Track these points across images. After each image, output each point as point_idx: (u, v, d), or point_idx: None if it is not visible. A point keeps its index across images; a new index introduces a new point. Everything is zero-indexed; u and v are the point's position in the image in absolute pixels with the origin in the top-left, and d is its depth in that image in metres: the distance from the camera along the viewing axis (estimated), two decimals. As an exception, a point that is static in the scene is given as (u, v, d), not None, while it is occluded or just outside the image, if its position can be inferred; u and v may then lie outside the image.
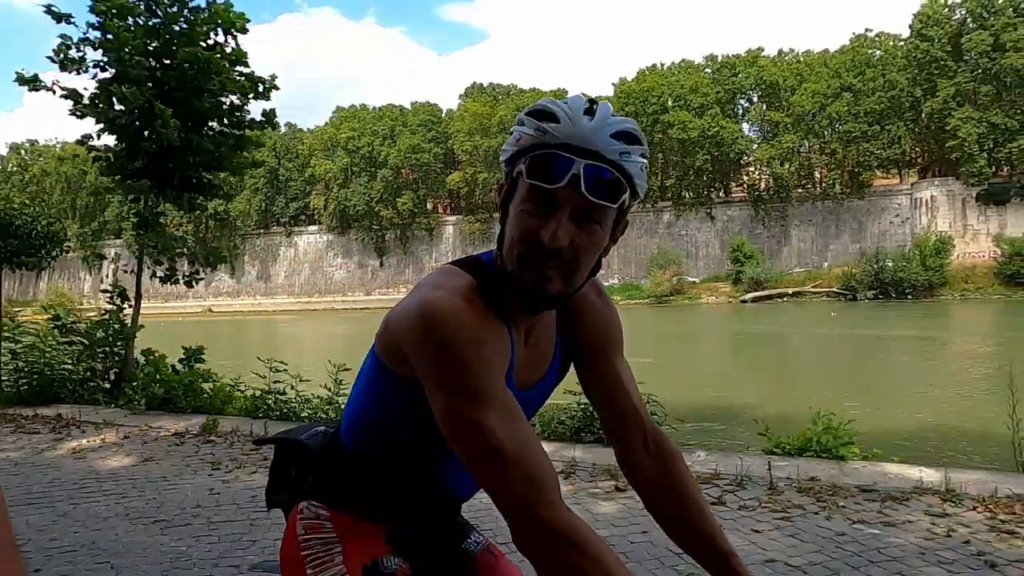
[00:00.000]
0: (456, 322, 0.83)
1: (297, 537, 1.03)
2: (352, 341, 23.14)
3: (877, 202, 48.45)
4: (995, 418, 7.98)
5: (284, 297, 64.65)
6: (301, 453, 1.09)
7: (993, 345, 17.99)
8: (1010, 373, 4.67)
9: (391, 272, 62.68)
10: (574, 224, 0.84)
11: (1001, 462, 4.98)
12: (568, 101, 0.85)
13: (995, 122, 42.12)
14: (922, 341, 19.84)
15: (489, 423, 0.82)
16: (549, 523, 0.80)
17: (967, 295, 38.33)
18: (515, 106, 57.27)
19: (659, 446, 1.08)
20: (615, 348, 1.08)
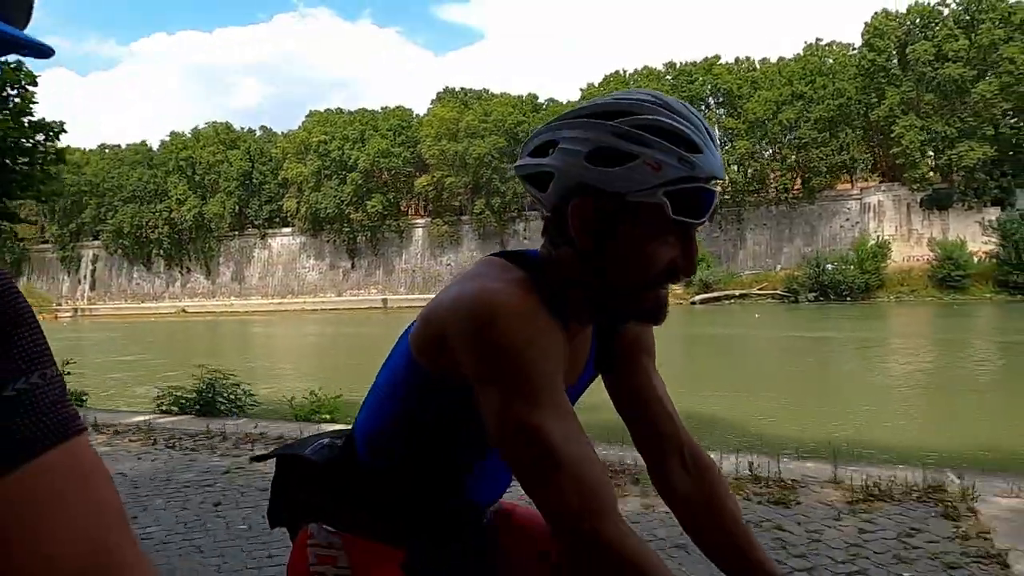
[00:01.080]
0: (520, 319, 0.79)
1: (309, 568, 0.97)
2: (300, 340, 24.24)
3: (828, 206, 49.82)
4: (813, 416, 9.20)
5: (258, 298, 65.75)
6: (305, 469, 1.03)
7: (872, 345, 19.28)
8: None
9: (362, 273, 63.86)
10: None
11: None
12: (693, 123, 0.82)
13: (936, 130, 43.49)
14: (814, 341, 21.14)
15: (546, 426, 0.77)
16: (604, 539, 0.75)
17: (902, 297, 39.68)
18: (482, 111, 58.59)
19: (696, 461, 1.03)
20: (649, 357, 1.06)
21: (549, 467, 0.76)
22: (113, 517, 0.42)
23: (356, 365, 16.83)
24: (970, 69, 42.38)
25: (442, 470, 0.96)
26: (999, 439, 7.39)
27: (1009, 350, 17.09)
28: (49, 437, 0.40)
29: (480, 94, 66.98)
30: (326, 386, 7.68)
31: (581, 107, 0.84)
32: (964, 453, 6.38)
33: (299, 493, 1.03)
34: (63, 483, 0.40)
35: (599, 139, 0.80)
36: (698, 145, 0.80)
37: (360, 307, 58.02)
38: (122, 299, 69.78)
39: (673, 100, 0.83)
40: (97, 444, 5.38)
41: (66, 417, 0.42)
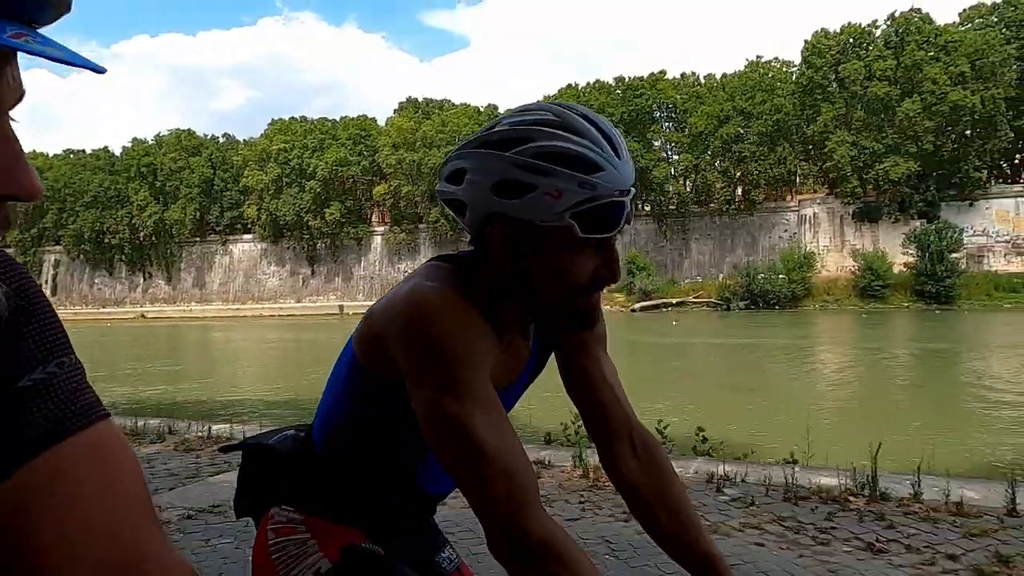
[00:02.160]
0: (448, 313, 0.81)
1: (268, 543, 1.00)
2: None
3: (768, 218, 51.56)
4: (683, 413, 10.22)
5: (219, 304, 66.29)
6: (270, 458, 1.06)
7: (772, 350, 20.64)
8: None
9: (321, 280, 64.67)
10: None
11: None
12: (593, 138, 0.82)
13: (865, 145, 45.38)
14: (709, 345, 22.51)
15: (473, 420, 0.79)
16: (528, 531, 0.77)
17: (826, 306, 41.37)
18: (440, 122, 59.82)
19: (646, 448, 1.04)
20: (598, 342, 1.06)
21: (476, 459, 0.78)
22: (138, 505, 0.42)
23: (301, 372, 17.93)
24: (896, 88, 44.34)
25: (388, 464, 0.99)
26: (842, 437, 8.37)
27: (863, 356, 18.56)
28: (70, 424, 0.40)
29: (442, 104, 68.35)
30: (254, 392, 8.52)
31: (484, 133, 0.86)
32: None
33: (264, 481, 1.06)
34: (86, 470, 0.40)
35: (500, 170, 0.82)
36: (599, 164, 0.81)
37: (318, 313, 58.85)
38: (84, 304, 69.97)
39: (573, 116, 0.84)
40: None
41: (87, 404, 0.42)
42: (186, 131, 68.50)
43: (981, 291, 39.63)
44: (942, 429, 8.85)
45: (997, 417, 10.09)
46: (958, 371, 15.67)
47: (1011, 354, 17.94)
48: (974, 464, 6.70)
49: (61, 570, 0.38)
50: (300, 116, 68.41)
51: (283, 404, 11.91)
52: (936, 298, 38.49)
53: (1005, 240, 44.44)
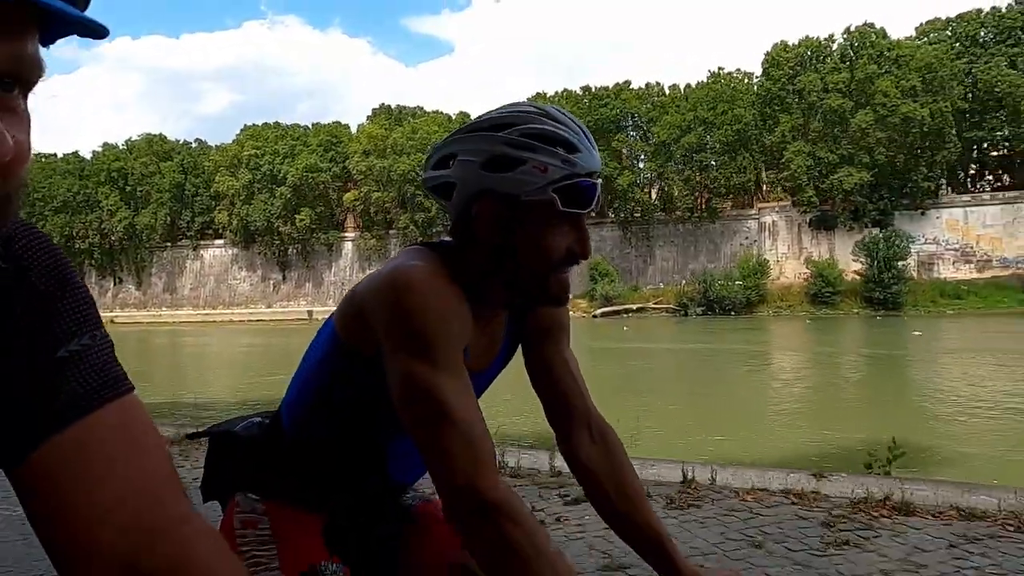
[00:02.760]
0: (427, 290, 0.88)
1: (234, 531, 1.02)
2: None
3: (730, 225, 52.70)
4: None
5: (189, 309, 66.29)
6: (235, 444, 1.10)
7: (699, 355, 21.49)
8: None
9: (292, 286, 64.91)
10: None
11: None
12: (570, 127, 0.93)
13: (821, 156, 46.63)
14: (650, 351, 23.29)
15: (442, 386, 0.85)
16: (483, 491, 0.82)
17: (780, 312, 42.49)
18: (410, 129, 60.42)
19: (603, 435, 1.11)
20: (562, 335, 1.14)
21: (442, 425, 0.84)
22: (164, 470, 0.44)
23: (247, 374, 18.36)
24: (850, 100, 45.65)
25: (360, 445, 1.03)
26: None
27: (773, 359, 19.43)
28: (100, 395, 0.43)
29: (414, 111, 69.01)
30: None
31: (474, 122, 0.96)
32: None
33: (229, 466, 1.10)
34: (115, 438, 0.43)
35: (492, 149, 0.91)
36: (576, 146, 0.92)
37: (286, 319, 59.11)
38: (52, 309, 69.62)
39: (553, 109, 0.95)
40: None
41: (116, 376, 0.45)
42: (157, 136, 68.55)
43: (927, 298, 40.94)
44: (780, 426, 9.65)
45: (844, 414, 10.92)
46: (843, 373, 16.57)
47: (913, 359, 18.90)
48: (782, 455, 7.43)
49: (94, 531, 0.40)
50: (274, 122, 68.77)
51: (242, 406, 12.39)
52: (884, 304, 39.71)
53: (955, 248, 45.87)
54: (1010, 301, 40.64)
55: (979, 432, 9.83)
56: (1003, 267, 43.90)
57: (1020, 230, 44.88)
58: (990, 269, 44.29)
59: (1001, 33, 49.41)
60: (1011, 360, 18.19)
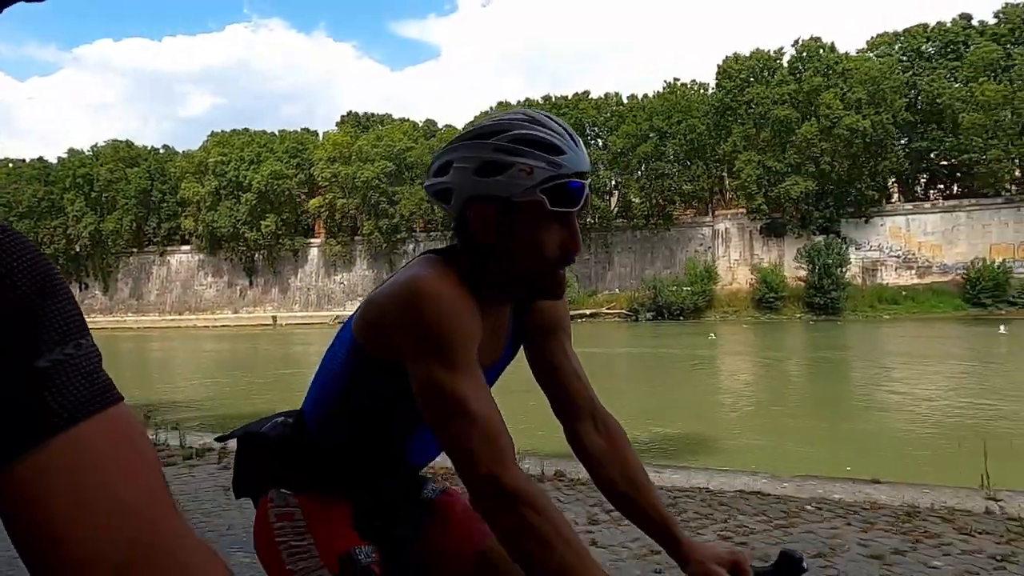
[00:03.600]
0: (443, 298, 0.95)
1: (271, 526, 1.11)
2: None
3: (685, 232, 53.95)
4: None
5: (155, 315, 66.46)
6: (263, 444, 1.18)
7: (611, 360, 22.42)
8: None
9: (258, 291, 65.31)
10: None
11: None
12: (556, 130, 1.00)
13: (769, 165, 47.99)
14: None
15: (464, 388, 0.92)
16: (506, 482, 0.89)
17: (726, 317, 43.68)
18: (375, 136, 61.13)
19: (607, 425, 1.20)
20: (564, 332, 1.21)
21: (463, 422, 0.91)
22: (156, 487, 0.42)
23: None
24: (796, 111, 47.06)
25: (379, 443, 1.12)
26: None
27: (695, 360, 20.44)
28: (86, 407, 0.40)
29: (382, 119, 69.81)
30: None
31: (469, 130, 1.03)
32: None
33: (259, 466, 1.18)
34: (102, 452, 0.40)
35: (482, 156, 0.98)
36: (562, 148, 0.98)
37: (251, 324, 59.52)
38: (17, 315, 69.44)
39: (541, 115, 1.02)
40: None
41: (102, 387, 0.42)
42: (124, 142, 68.72)
43: (865, 303, 42.31)
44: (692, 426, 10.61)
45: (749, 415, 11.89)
46: (749, 376, 17.60)
47: (825, 362, 19.98)
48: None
49: (84, 546, 0.38)
50: (243, 128, 69.23)
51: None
52: (824, 309, 41.01)
53: (897, 255, 47.38)
54: (946, 306, 42.12)
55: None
56: (942, 273, 45.41)
57: (959, 238, 46.47)
58: (930, 275, 45.79)
59: (945, 47, 51.17)
60: (914, 362, 19.29)
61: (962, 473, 5.45)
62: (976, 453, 5.00)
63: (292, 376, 19.61)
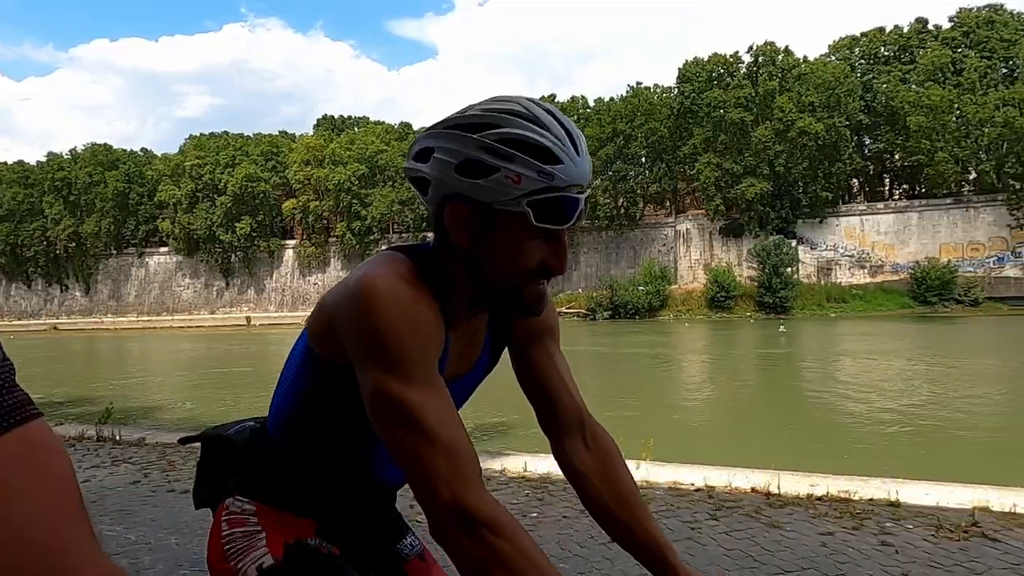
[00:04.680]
0: (393, 299, 0.83)
1: (221, 534, 1.01)
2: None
3: (649, 232, 55.14)
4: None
5: (134, 316, 67.45)
6: (227, 449, 1.07)
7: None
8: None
9: (235, 292, 66.34)
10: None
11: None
12: (556, 133, 0.85)
13: (726, 167, 49.15)
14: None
15: (418, 401, 0.81)
16: (471, 507, 0.78)
17: (680, 316, 44.85)
18: (348, 140, 62.20)
19: (597, 440, 1.07)
20: (551, 337, 1.09)
21: (420, 440, 0.80)
22: (69, 511, 0.40)
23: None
24: (751, 114, 48.23)
25: (343, 450, 1.01)
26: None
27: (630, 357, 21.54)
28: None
29: (358, 122, 70.89)
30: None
31: (454, 116, 0.88)
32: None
33: (221, 472, 1.07)
34: (11, 473, 0.38)
35: (466, 152, 0.85)
36: (558, 156, 0.84)
37: (225, 325, 60.54)
38: (0, 317, 70.49)
39: (540, 110, 0.87)
40: None
41: (16, 402, 0.40)
42: (102, 145, 69.65)
43: (814, 302, 43.51)
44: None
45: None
46: (667, 372, 18.72)
47: (725, 359, 21.10)
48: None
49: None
50: (222, 131, 70.23)
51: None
52: (774, 308, 42.18)
53: (851, 254, 48.60)
54: (892, 304, 43.34)
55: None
56: (894, 272, 46.62)
57: (910, 238, 47.72)
58: (882, 274, 47.01)
59: (899, 51, 52.46)
60: (827, 362, 20.33)
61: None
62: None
63: (228, 375, 20.69)
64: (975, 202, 46.55)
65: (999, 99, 43.86)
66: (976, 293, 42.69)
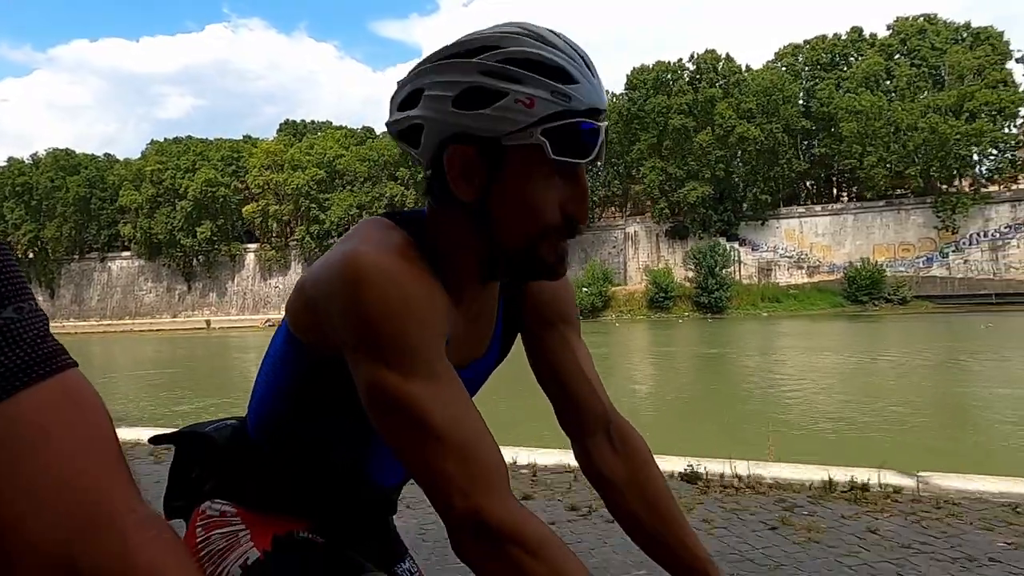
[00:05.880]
0: (386, 279, 0.70)
1: (196, 542, 0.87)
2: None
3: (600, 235, 56.51)
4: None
5: (96, 320, 67.87)
6: (207, 450, 0.94)
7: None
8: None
9: (197, 296, 66.96)
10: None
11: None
12: (567, 52, 0.73)
13: (670, 171, 50.65)
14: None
15: (422, 396, 0.69)
16: (489, 516, 0.66)
17: (622, 316, 46.25)
18: (308, 144, 63.08)
19: (625, 441, 0.96)
20: (569, 324, 0.96)
21: (428, 441, 0.68)
22: (107, 458, 0.40)
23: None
24: (692, 120, 49.76)
25: (333, 448, 0.88)
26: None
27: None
28: (29, 372, 0.38)
29: (321, 126, 71.76)
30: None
31: (444, 47, 0.75)
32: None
33: (198, 474, 0.95)
34: (49, 420, 0.38)
35: (465, 80, 0.72)
36: (572, 75, 0.72)
37: (185, 328, 61.20)
38: (-41, 322, 70.57)
39: (545, 30, 0.75)
40: None
41: (49, 352, 0.40)
42: (64, 150, 70.01)
43: (747, 302, 45.08)
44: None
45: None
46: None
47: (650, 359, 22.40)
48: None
49: (23, 523, 0.36)
50: (187, 136, 70.84)
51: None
52: (710, 308, 43.68)
53: (790, 256, 50.26)
54: (825, 303, 45.01)
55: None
56: (830, 272, 48.33)
57: (846, 239, 49.44)
58: (819, 274, 48.70)
59: (839, 58, 54.26)
60: (723, 359, 21.61)
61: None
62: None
63: (158, 375, 21.69)
64: (905, 205, 48.36)
65: (924, 105, 45.67)
66: (904, 292, 44.47)
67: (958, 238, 46.04)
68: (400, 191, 59.00)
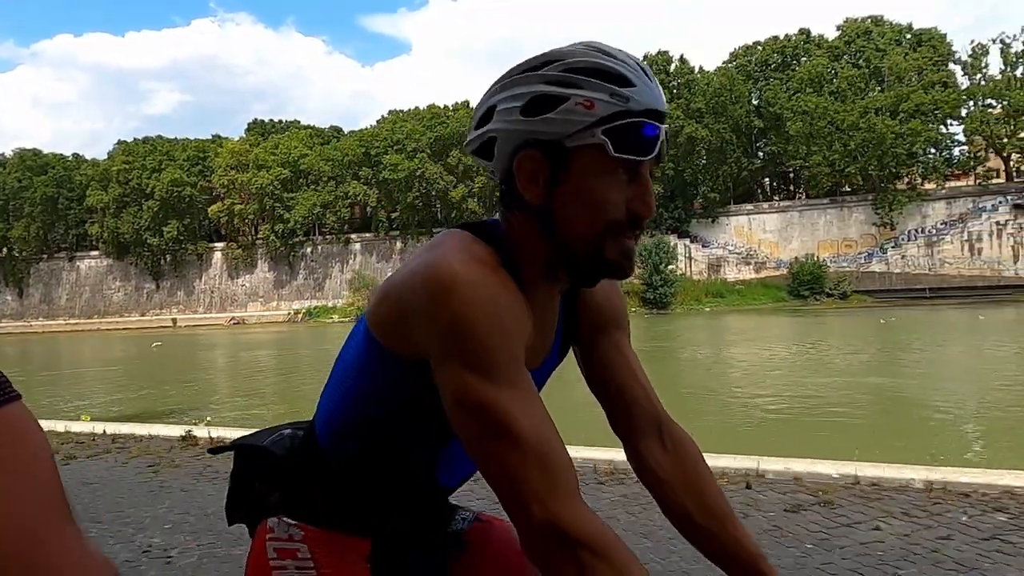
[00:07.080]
0: (474, 289, 0.73)
1: (269, 564, 0.92)
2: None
3: (558, 233, 57.81)
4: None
5: (65, 319, 68.41)
6: (266, 461, 0.98)
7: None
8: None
9: (165, 294, 67.65)
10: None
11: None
12: (625, 60, 0.79)
13: (623, 170, 51.90)
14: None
15: (504, 402, 0.72)
16: (565, 524, 0.69)
17: (572, 312, 47.47)
18: (273, 144, 63.78)
19: (677, 443, 0.99)
20: (619, 328, 1.00)
21: (507, 446, 0.71)
22: (47, 500, 0.39)
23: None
24: (644, 121, 51.00)
25: (407, 457, 0.91)
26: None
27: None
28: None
29: (288, 125, 72.46)
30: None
31: (515, 66, 0.82)
32: None
33: (259, 486, 0.99)
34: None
35: (531, 90, 0.78)
36: (630, 79, 0.77)
37: (151, 326, 61.90)
38: (-73, 321, 70.96)
39: (605, 44, 0.80)
40: None
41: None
42: (31, 151, 70.39)
43: (691, 297, 46.49)
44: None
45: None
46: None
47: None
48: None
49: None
50: (156, 135, 71.33)
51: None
52: (655, 303, 45.03)
53: (740, 252, 51.72)
54: (767, 298, 46.51)
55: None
56: (776, 268, 49.84)
57: (792, 236, 50.95)
58: (765, 270, 50.21)
59: (789, 59, 55.64)
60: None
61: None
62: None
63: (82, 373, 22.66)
64: (848, 202, 49.93)
65: (864, 106, 47.17)
66: (845, 287, 46.04)
67: (897, 234, 47.67)
68: (363, 190, 59.95)
